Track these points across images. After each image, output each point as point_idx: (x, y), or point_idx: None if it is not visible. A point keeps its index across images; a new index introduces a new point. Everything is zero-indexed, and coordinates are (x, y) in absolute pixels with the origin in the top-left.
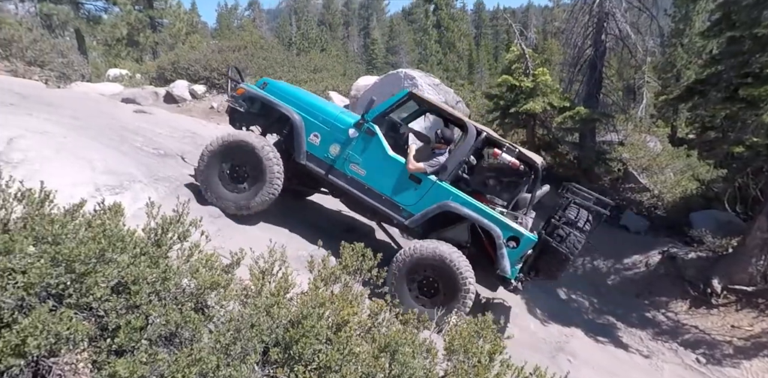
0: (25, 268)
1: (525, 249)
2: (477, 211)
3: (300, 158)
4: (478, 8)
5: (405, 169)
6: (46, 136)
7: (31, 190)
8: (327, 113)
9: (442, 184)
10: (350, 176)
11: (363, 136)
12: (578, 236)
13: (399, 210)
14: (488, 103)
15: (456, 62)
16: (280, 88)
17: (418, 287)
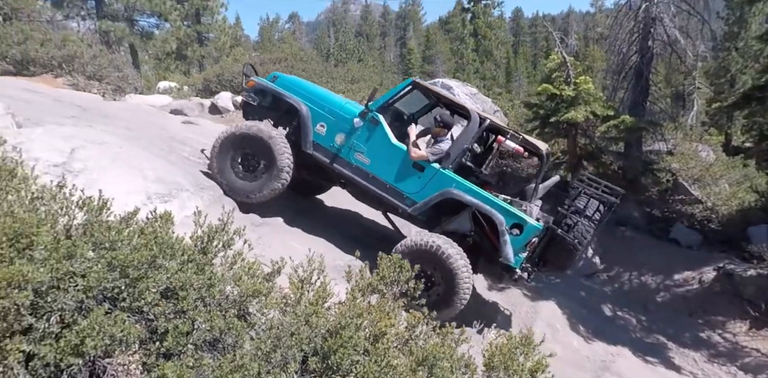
0: (84, 272)
1: (529, 236)
2: (479, 197)
3: (307, 147)
4: (516, 16)
5: (408, 158)
6: (104, 147)
7: (90, 198)
8: (333, 103)
9: (445, 172)
10: (355, 165)
11: (367, 125)
12: (586, 225)
13: (403, 198)
14: (527, 113)
15: (493, 71)
16: (289, 81)
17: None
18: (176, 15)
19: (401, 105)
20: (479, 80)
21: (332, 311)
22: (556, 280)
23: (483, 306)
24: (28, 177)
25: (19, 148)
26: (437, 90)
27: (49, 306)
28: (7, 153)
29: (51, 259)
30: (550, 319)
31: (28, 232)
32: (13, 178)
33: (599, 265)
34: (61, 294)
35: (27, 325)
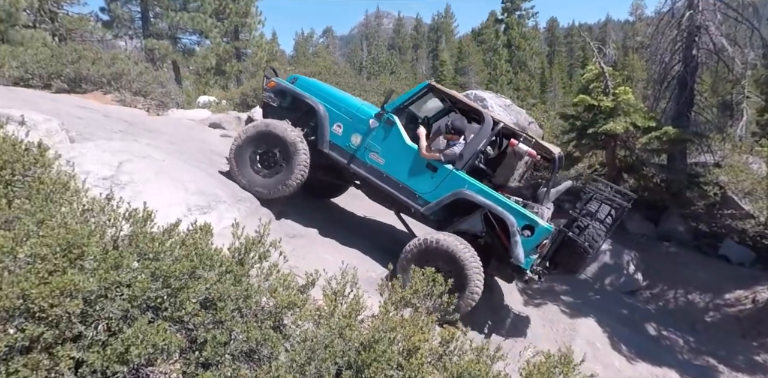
0: (130, 282)
1: (540, 238)
2: (491, 198)
3: (323, 147)
4: (551, 26)
5: (422, 158)
6: (148, 160)
7: (135, 210)
8: (350, 104)
9: (458, 173)
10: (370, 165)
11: (383, 126)
12: (597, 228)
13: (415, 198)
14: (563, 124)
15: (527, 81)
16: (308, 83)
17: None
18: (216, 32)
19: (417, 108)
20: (513, 91)
21: (365, 324)
22: (595, 297)
23: (519, 321)
24: (79, 190)
25: (72, 162)
26: (452, 93)
27: (97, 314)
28: (61, 167)
29: (100, 269)
30: (590, 337)
31: (79, 243)
32: (67, 191)
33: (642, 282)
34: (109, 303)
35: (77, 332)
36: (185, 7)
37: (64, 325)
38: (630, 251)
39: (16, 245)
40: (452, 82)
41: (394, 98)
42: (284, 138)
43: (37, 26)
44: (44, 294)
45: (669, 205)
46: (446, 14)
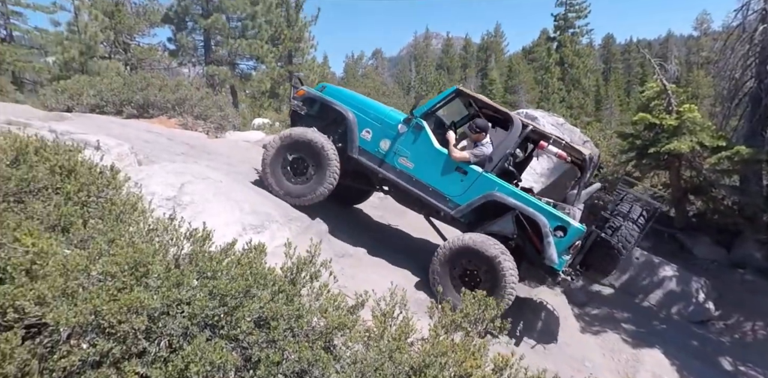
0: (189, 299)
1: (572, 239)
2: (523, 200)
3: (353, 152)
4: (607, 42)
5: (451, 161)
6: (207, 181)
7: (196, 230)
8: (378, 110)
9: (487, 175)
10: (399, 169)
11: (411, 131)
12: (630, 229)
13: (446, 201)
14: (621, 143)
15: (581, 99)
16: (336, 91)
17: (460, 278)
18: (271, 57)
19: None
20: (566, 109)
21: (415, 348)
22: (660, 326)
23: (576, 349)
24: (146, 210)
25: (140, 183)
26: (480, 97)
27: (159, 331)
28: (130, 188)
29: (163, 286)
30: (656, 369)
31: (145, 262)
32: (135, 212)
33: (713, 312)
34: (170, 320)
35: (142, 348)
36: (243, 34)
37: (130, 340)
38: (699, 278)
39: (89, 263)
40: (502, 100)
41: (422, 103)
42: (314, 145)
43: (112, 57)
44: (113, 310)
45: (743, 229)
46: (496, 33)
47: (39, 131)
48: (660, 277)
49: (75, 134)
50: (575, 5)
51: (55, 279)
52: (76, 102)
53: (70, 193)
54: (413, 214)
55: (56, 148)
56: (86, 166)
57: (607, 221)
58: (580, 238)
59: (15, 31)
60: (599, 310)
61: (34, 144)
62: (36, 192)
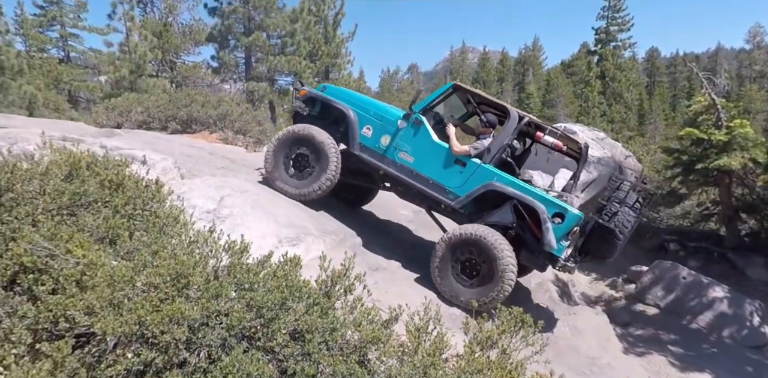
0: (228, 311)
1: (570, 225)
2: (521, 189)
3: (354, 149)
4: (651, 56)
5: (450, 154)
6: (246, 194)
7: (234, 242)
8: (378, 108)
9: (486, 167)
10: (400, 164)
11: (411, 126)
12: (627, 213)
13: (446, 193)
14: (666, 158)
15: (623, 113)
16: (337, 90)
17: (460, 268)
18: (309, 73)
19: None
20: (606, 123)
21: (450, 364)
22: (711, 350)
23: (620, 371)
24: (187, 223)
25: (182, 197)
26: (477, 92)
27: (199, 341)
28: (173, 202)
29: (202, 298)
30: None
31: (186, 273)
32: (177, 224)
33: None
34: (209, 331)
35: (182, 359)
36: (283, 51)
37: (172, 351)
38: (753, 301)
39: (135, 275)
40: (539, 114)
41: (421, 99)
42: (315, 140)
43: (160, 75)
44: (156, 321)
45: None
46: (534, 47)
47: (91, 147)
48: (710, 298)
49: (123, 150)
50: (617, 19)
51: (103, 290)
52: (125, 118)
53: (118, 206)
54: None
55: (106, 163)
56: (133, 181)
57: (604, 207)
58: (578, 225)
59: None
60: (644, 330)
61: (87, 159)
62: (87, 205)
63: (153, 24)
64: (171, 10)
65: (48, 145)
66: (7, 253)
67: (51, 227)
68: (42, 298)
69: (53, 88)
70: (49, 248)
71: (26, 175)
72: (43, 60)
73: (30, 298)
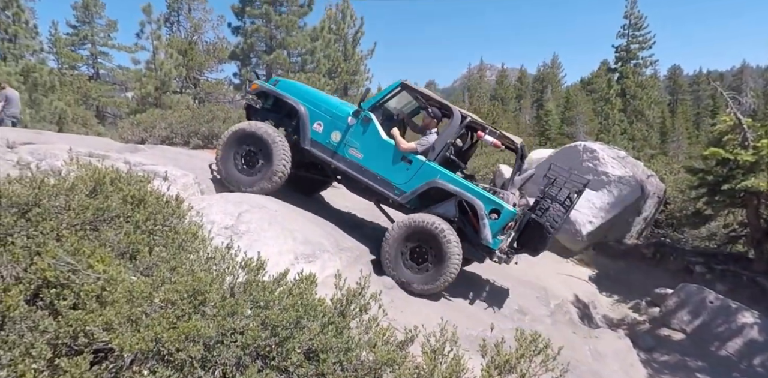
0: (243, 329)
1: (506, 220)
2: (462, 186)
3: (305, 144)
4: (674, 73)
5: (398, 152)
6: (263, 211)
7: (251, 259)
8: (329, 104)
9: (430, 164)
10: (349, 159)
11: (360, 123)
12: (557, 209)
13: (392, 188)
14: (690, 178)
15: (644, 131)
16: (289, 85)
17: (410, 255)
18: (327, 89)
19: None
20: (627, 141)
21: None
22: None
23: None
24: (205, 239)
25: (201, 213)
26: (424, 90)
27: (214, 360)
28: (192, 217)
29: (218, 315)
30: None
31: (203, 290)
32: (195, 240)
33: None
34: (224, 349)
35: (197, 377)
36: (303, 68)
37: (187, 369)
38: None
39: (153, 291)
40: (558, 131)
41: (370, 97)
42: (261, 136)
43: (183, 91)
44: (173, 338)
45: None
46: (553, 64)
47: (115, 163)
48: (739, 324)
49: (146, 165)
50: (638, 37)
51: (122, 305)
52: (149, 134)
53: (139, 221)
54: None
55: (129, 179)
56: (154, 196)
57: (538, 204)
58: (513, 220)
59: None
60: (669, 356)
61: (111, 175)
62: (109, 220)
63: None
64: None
65: (75, 161)
66: (32, 268)
67: (74, 242)
68: (63, 312)
69: (82, 104)
70: (71, 263)
71: (53, 190)
72: (74, 77)
73: (51, 312)
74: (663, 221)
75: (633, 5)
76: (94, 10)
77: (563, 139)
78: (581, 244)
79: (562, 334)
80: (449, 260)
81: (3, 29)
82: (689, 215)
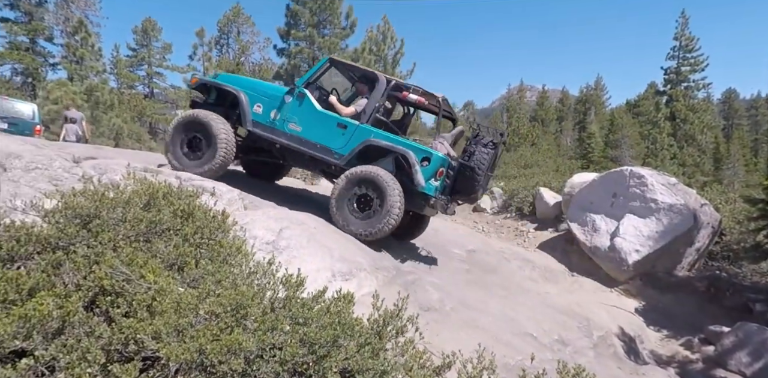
0: (282, 345)
1: (436, 166)
2: (393, 141)
3: (248, 126)
4: (729, 97)
5: (333, 120)
6: (303, 227)
7: (291, 275)
8: (265, 87)
9: (363, 126)
10: (290, 133)
11: (296, 99)
12: (483, 152)
13: (332, 153)
14: (749, 209)
15: (696, 157)
16: (227, 77)
17: (356, 203)
18: None
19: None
20: (677, 166)
21: None
22: None
23: None
24: (248, 253)
25: (244, 228)
26: (352, 63)
27: (254, 374)
28: (236, 232)
29: (259, 330)
30: None
31: (245, 304)
32: (238, 254)
33: None
34: (264, 364)
35: None
36: None
37: None
38: None
39: (198, 302)
40: (601, 155)
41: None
42: (203, 122)
43: None
44: (216, 350)
45: None
46: (597, 86)
47: (167, 178)
48: None
49: (195, 181)
50: (690, 59)
51: (170, 316)
52: None
53: (188, 234)
54: (506, 271)
55: (179, 193)
56: (202, 211)
57: (465, 150)
58: (443, 166)
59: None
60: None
61: (163, 190)
62: (161, 233)
63: (227, 63)
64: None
65: (131, 175)
66: (90, 276)
67: (129, 253)
68: (117, 320)
69: (137, 121)
70: (126, 273)
71: (111, 203)
72: (131, 96)
73: (106, 319)
74: (718, 253)
75: (684, 27)
76: (151, 34)
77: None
78: (627, 274)
79: (607, 369)
80: (390, 206)
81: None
82: (748, 248)
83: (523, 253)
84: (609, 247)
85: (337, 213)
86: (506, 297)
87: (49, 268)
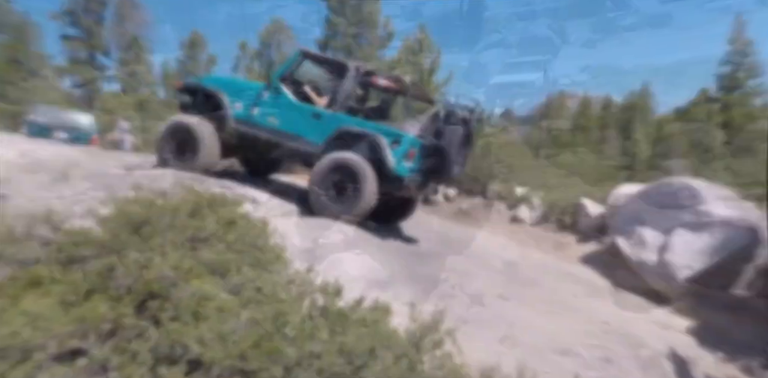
0: (320, 353)
1: (407, 147)
2: (365, 126)
3: (230, 123)
4: None
5: (308, 112)
6: (340, 236)
7: (329, 284)
8: (243, 85)
9: (336, 114)
10: (269, 127)
11: (272, 94)
12: (453, 130)
13: (309, 143)
14: None
15: (753, 167)
16: (210, 78)
17: (333, 187)
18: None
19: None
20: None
21: None
22: None
23: None
24: (287, 261)
25: (283, 235)
26: (323, 55)
27: None
28: (276, 239)
29: (298, 338)
30: None
31: (285, 311)
32: (278, 261)
33: None
34: (301, 372)
35: None
36: None
37: None
38: None
39: (241, 309)
40: (647, 164)
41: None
42: (187, 126)
43: None
44: (256, 356)
45: None
46: (643, 92)
47: (212, 187)
48: None
49: (237, 189)
50: (745, 64)
51: (214, 321)
52: None
53: (230, 242)
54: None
55: (223, 201)
56: (244, 218)
57: (437, 131)
58: (414, 147)
59: None
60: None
61: (208, 198)
62: (205, 240)
63: None
64: None
65: (179, 184)
66: (140, 280)
67: (176, 258)
68: (164, 323)
69: None
70: (173, 277)
71: (160, 210)
72: None
73: (154, 322)
74: None
75: (740, 30)
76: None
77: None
78: (677, 291)
79: None
80: (365, 194)
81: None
82: None
83: (564, 266)
84: (657, 262)
85: (314, 199)
86: (547, 311)
87: (104, 271)
